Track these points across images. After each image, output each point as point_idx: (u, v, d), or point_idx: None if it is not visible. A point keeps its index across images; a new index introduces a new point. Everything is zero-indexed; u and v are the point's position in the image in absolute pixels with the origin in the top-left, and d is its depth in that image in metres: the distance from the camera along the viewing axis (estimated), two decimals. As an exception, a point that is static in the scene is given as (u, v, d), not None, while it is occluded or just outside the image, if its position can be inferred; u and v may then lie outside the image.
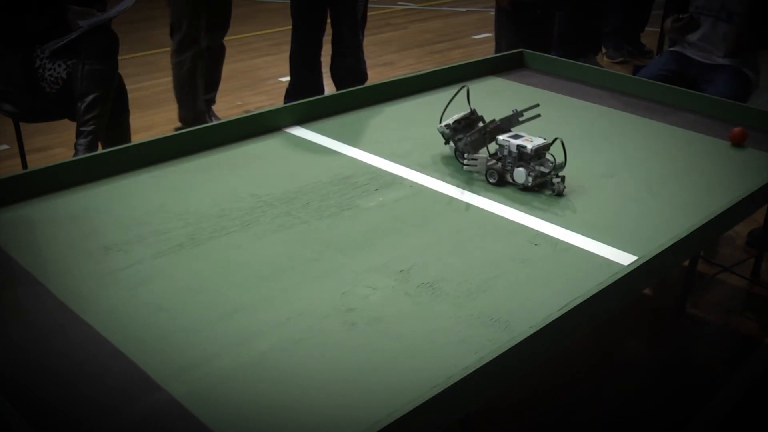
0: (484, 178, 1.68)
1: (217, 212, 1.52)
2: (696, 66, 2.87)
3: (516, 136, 1.65)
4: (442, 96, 2.24)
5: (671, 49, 3.01)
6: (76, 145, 2.52)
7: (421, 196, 1.62)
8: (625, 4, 4.77)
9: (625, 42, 4.89)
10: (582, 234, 1.48)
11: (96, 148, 2.51)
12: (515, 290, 1.29)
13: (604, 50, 4.85)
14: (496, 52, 3.83)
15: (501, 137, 1.65)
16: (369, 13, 3.98)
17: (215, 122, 1.84)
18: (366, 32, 3.87)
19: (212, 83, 3.63)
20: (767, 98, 2.89)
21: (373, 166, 1.76)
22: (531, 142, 1.62)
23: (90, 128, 2.51)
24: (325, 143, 1.87)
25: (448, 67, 2.36)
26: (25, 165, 2.75)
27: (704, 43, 2.84)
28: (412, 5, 6.49)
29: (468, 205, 1.59)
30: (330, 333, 1.16)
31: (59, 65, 2.50)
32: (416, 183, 1.68)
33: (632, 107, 2.20)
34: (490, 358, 1.02)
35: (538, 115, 1.80)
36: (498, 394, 1.79)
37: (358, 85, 2.66)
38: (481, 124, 1.76)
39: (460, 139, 1.73)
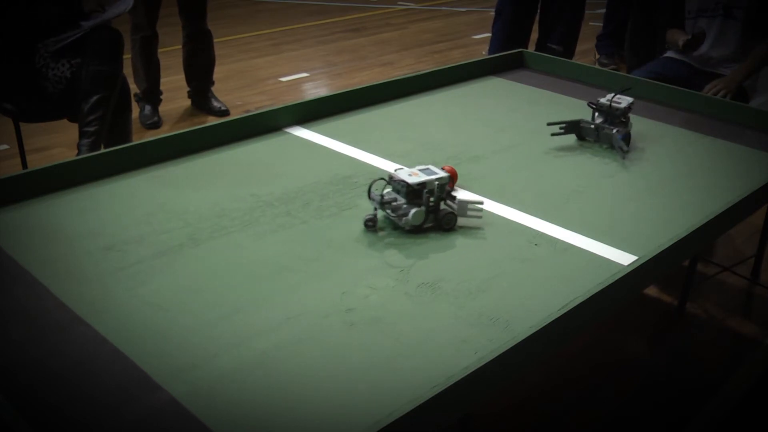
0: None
1: (217, 212, 1.52)
2: (690, 71, 2.84)
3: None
4: (442, 96, 2.24)
5: (665, 55, 2.98)
6: (79, 145, 2.52)
7: (421, 196, 1.62)
8: (619, 10, 4.74)
9: (618, 48, 4.86)
10: (582, 234, 1.48)
11: (99, 149, 2.51)
12: (515, 290, 1.29)
13: (597, 56, 4.84)
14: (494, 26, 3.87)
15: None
16: (369, 13, 4.01)
17: (215, 122, 1.84)
18: (366, 32, 3.89)
19: (206, 67, 3.77)
20: (767, 99, 2.88)
21: (373, 166, 1.76)
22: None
23: (93, 129, 2.51)
24: (325, 143, 1.87)
25: (448, 67, 2.36)
26: (25, 165, 2.75)
27: (703, 48, 2.80)
28: (412, 5, 6.49)
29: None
30: (330, 333, 1.16)
31: (63, 64, 2.50)
32: (416, 183, 1.68)
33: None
34: (490, 358, 1.02)
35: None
36: (498, 394, 1.79)
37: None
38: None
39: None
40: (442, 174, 1.45)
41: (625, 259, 1.39)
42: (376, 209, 1.47)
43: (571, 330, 1.17)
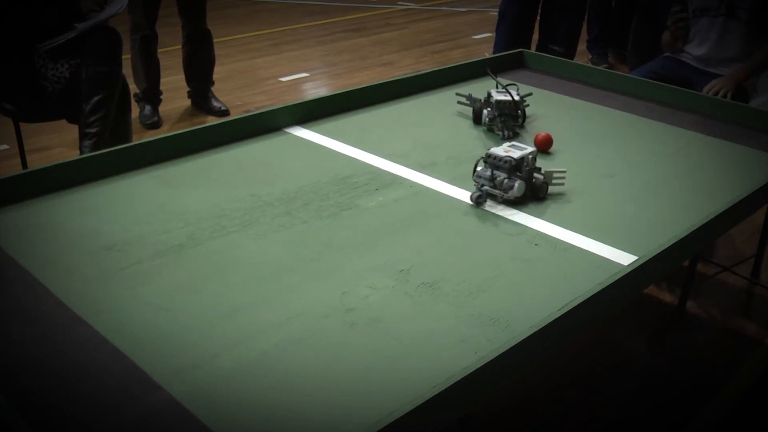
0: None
1: (217, 212, 1.52)
2: (690, 71, 2.83)
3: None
4: (442, 96, 2.24)
5: (665, 54, 2.97)
6: (81, 146, 2.52)
7: (421, 196, 1.62)
8: (603, 11, 4.73)
9: (609, 49, 4.86)
10: (582, 234, 1.48)
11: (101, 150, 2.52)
12: (515, 290, 1.29)
13: (589, 57, 4.84)
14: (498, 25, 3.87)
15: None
16: (369, 13, 4.03)
17: (215, 122, 1.84)
18: (366, 32, 3.90)
19: (206, 67, 3.78)
20: (767, 99, 2.88)
21: (373, 166, 1.76)
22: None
23: (95, 130, 2.51)
24: (325, 143, 1.87)
25: (448, 67, 2.36)
26: (25, 165, 2.75)
27: (704, 47, 2.80)
28: (412, 5, 6.49)
29: (468, 205, 1.59)
30: (330, 333, 1.16)
31: (62, 64, 2.50)
32: (416, 183, 1.68)
33: (632, 107, 2.20)
34: (490, 358, 1.02)
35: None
36: (498, 394, 1.79)
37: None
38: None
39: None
40: (531, 148, 1.60)
41: (625, 259, 1.39)
42: (482, 186, 1.58)
43: (571, 330, 1.17)
